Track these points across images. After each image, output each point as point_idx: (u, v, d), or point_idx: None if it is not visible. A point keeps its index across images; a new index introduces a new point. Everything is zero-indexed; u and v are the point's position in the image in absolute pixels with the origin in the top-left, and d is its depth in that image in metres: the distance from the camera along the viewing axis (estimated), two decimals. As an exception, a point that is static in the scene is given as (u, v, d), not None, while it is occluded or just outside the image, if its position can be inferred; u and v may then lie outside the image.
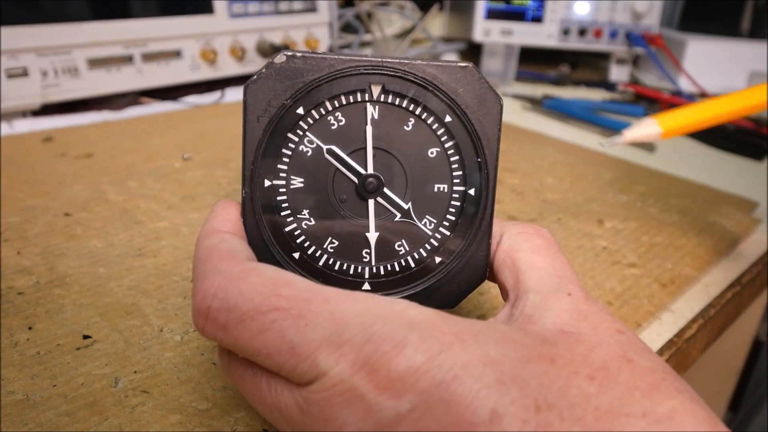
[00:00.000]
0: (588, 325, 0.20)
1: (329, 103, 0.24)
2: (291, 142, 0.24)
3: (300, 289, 0.19)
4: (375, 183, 0.25)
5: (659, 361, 0.19)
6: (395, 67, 0.24)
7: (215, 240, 0.22)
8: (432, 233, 0.25)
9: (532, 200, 0.49)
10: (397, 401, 0.17)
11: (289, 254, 0.25)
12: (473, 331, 0.18)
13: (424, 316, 0.19)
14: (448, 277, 0.25)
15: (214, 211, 0.24)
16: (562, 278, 0.22)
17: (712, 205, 0.50)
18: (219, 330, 0.19)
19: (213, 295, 0.19)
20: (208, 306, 0.19)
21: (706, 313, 0.36)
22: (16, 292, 0.33)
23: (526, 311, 0.21)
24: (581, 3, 0.92)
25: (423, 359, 0.17)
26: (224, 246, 0.22)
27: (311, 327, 0.18)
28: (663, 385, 0.18)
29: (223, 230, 0.23)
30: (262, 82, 0.23)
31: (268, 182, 0.24)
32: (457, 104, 0.24)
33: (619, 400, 0.17)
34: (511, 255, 0.24)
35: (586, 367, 0.18)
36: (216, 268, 0.20)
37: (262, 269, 0.20)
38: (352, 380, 0.17)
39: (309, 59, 0.23)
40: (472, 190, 0.25)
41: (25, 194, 0.45)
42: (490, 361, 0.17)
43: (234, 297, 0.19)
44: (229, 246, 0.22)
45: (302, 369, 0.18)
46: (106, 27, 0.65)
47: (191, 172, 0.51)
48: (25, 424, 0.24)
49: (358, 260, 0.25)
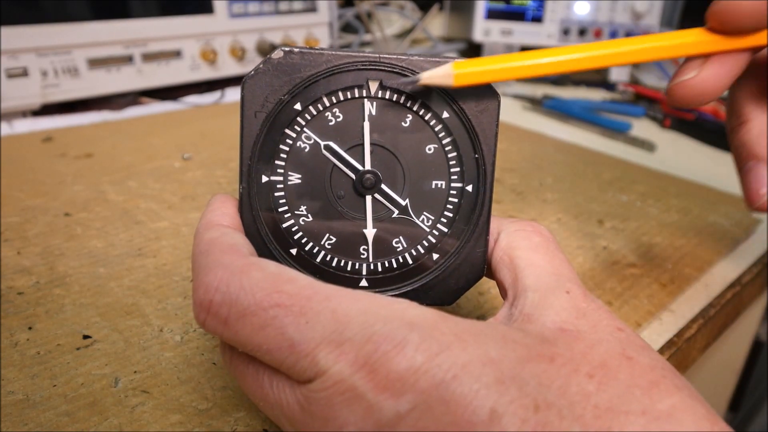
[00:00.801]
0: (587, 323, 0.20)
1: (327, 99, 0.24)
2: (288, 138, 0.24)
3: (302, 286, 0.19)
4: (372, 179, 0.25)
5: (659, 359, 0.19)
6: (393, 63, 0.24)
7: (216, 233, 0.22)
8: (429, 230, 0.25)
9: (532, 200, 0.49)
10: (396, 401, 0.17)
11: (287, 250, 0.25)
12: (473, 332, 0.18)
13: (424, 316, 0.19)
14: (445, 274, 0.25)
15: (211, 204, 0.24)
16: (561, 276, 0.22)
17: (712, 205, 0.50)
18: (220, 324, 0.19)
19: (215, 289, 0.19)
20: (210, 299, 0.19)
21: (706, 313, 0.36)
22: (16, 292, 0.33)
23: (525, 310, 0.21)
24: (581, 3, 0.92)
25: (423, 359, 0.17)
26: (226, 239, 0.22)
27: (312, 324, 0.18)
28: (663, 383, 0.18)
29: (222, 224, 0.23)
30: (259, 78, 0.23)
31: (265, 178, 0.24)
32: (455, 100, 0.24)
33: (618, 397, 0.17)
34: (509, 253, 0.24)
35: (586, 365, 0.18)
36: (218, 261, 0.20)
37: (264, 264, 0.20)
38: (352, 379, 0.17)
39: (306, 55, 0.23)
40: (470, 186, 0.25)
41: (25, 194, 0.45)
42: (489, 361, 0.17)
43: (236, 291, 0.19)
44: (230, 239, 0.22)
45: (302, 366, 0.18)
46: (106, 27, 0.65)
47: (191, 172, 0.51)
48: (25, 424, 0.24)
49: (355, 257, 0.25)
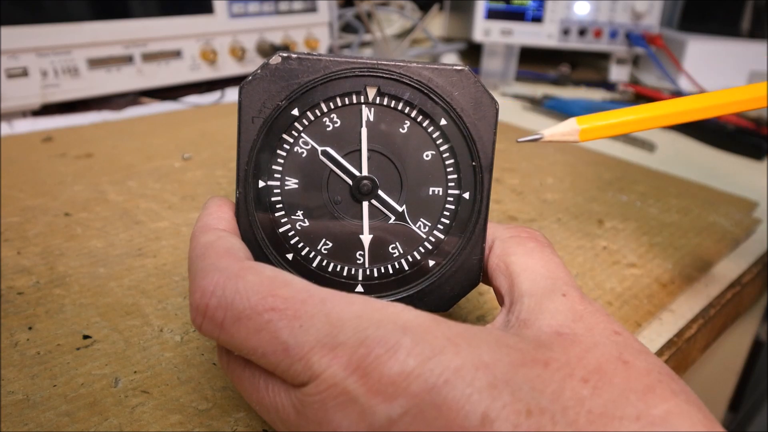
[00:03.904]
0: (583, 326, 0.20)
1: (324, 104, 0.24)
2: (286, 143, 0.24)
3: (296, 290, 0.19)
4: (369, 185, 0.25)
5: (656, 363, 0.19)
6: (391, 69, 0.24)
7: (212, 237, 0.22)
8: (426, 236, 0.25)
9: (532, 200, 0.49)
10: (389, 405, 0.17)
11: (283, 255, 0.25)
12: (467, 336, 0.18)
13: (418, 320, 0.18)
14: (441, 281, 0.25)
15: (207, 207, 0.24)
16: (557, 279, 0.22)
17: (712, 205, 0.50)
18: (216, 328, 0.19)
19: (211, 293, 0.19)
20: (206, 303, 0.19)
21: (706, 313, 0.36)
22: (16, 292, 0.33)
23: (521, 316, 0.21)
24: (581, 3, 0.92)
25: (415, 363, 0.17)
26: (222, 243, 0.22)
27: (305, 328, 0.18)
28: (658, 387, 0.18)
29: (219, 227, 0.23)
30: (257, 83, 0.23)
31: (262, 183, 0.24)
32: (453, 107, 0.24)
33: (613, 402, 0.17)
34: (504, 259, 0.24)
35: (581, 369, 0.18)
36: (214, 265, 0.20)
37: (260, 268, 0.20)
38: (345, 383, 0.17)
39: (304, 61, 0.23)
40: (467, 193, 0.25)
41: (25, 194, 0.45)
42: (482, 365, 0.17)
43: (231, 295, 0.19)
44: (227, 243, 0.22)
45: (296, 370, 0.18)
46: (106, 27, 0.65)
47: (191, 172, 0.51)
48: (25, 424, 0.24)
49: (351, 262, 0.25)
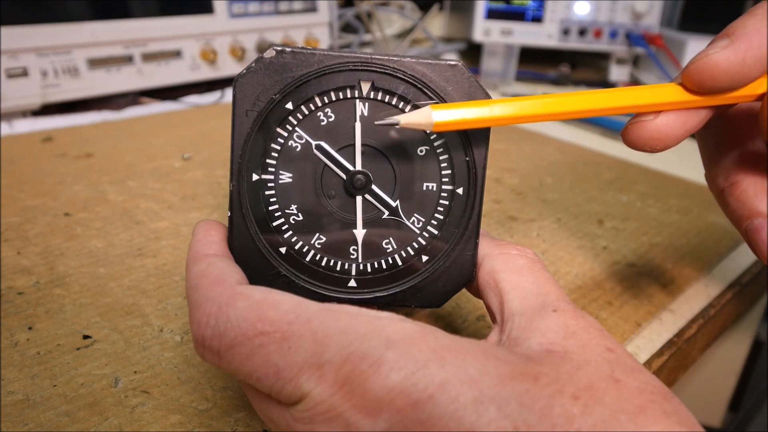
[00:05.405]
0: (575, 342, 0.20)
1: (319, 98, 0.24)
2: (280, 137, 0.24)
3: (284, 311, 0.19)
4: (363, 180, 0.24)
5: (649, 381, 0.19)
6: (384, 64, 0.24)
7: (203, 266, 0.22)
8: (420, 232, 0.25)
9: (532, 200, 0.49)
10: (373, 420, 0.17)
11: (276, 249, 0.25)
12: (453, 348, 0.18)
13: (404, 332, 0.18)
14: (434, 276, 0.25)
15: (196, 234, 0.24)
16: (547, 296, 0.22)
17: (712, 205, 0.50)
18: (215, 357, 0.20)
19: (205, 324, 0.20)
20: (202, 335, 0.20)
21: (706, 313, 0.36)
22: (16, 292, 0.33)
23: (512, 335, 0.21)
24: (581, 3, 0.92)
25: (398, 378, 0.17)
26: (212, 271, 0.22)
27: (294, 349, 0.18)
28: (650, 408, 0.17)
29: (209, 254, 0.23)
30: (251, 77, 0.23)
31: (256, 176, 0.24)
32: (446, 102, 0.24)
33: (603, 422, 0.17)
34: (494, 276, 0.24)
35: (571, 386, 0.18)
36: (206, 295, 0.20)
37: (249, 292, 0.20)
38: (332, 400, 0.18)
39: (298, 54, 0.23)
40: (461, 189, 0.25)
41: (25, 194, 0.45)
42: (468, 379, 0.17)
43: (223, 324, 0.19)
44: (217, 271, 0.22)
45: (288, 391, 0.18)
46: (106, 27, 0.65)
47: (191, 172, 0.51)
48: (25, 424, 0.24)
49: (345, 257, 0.25)
